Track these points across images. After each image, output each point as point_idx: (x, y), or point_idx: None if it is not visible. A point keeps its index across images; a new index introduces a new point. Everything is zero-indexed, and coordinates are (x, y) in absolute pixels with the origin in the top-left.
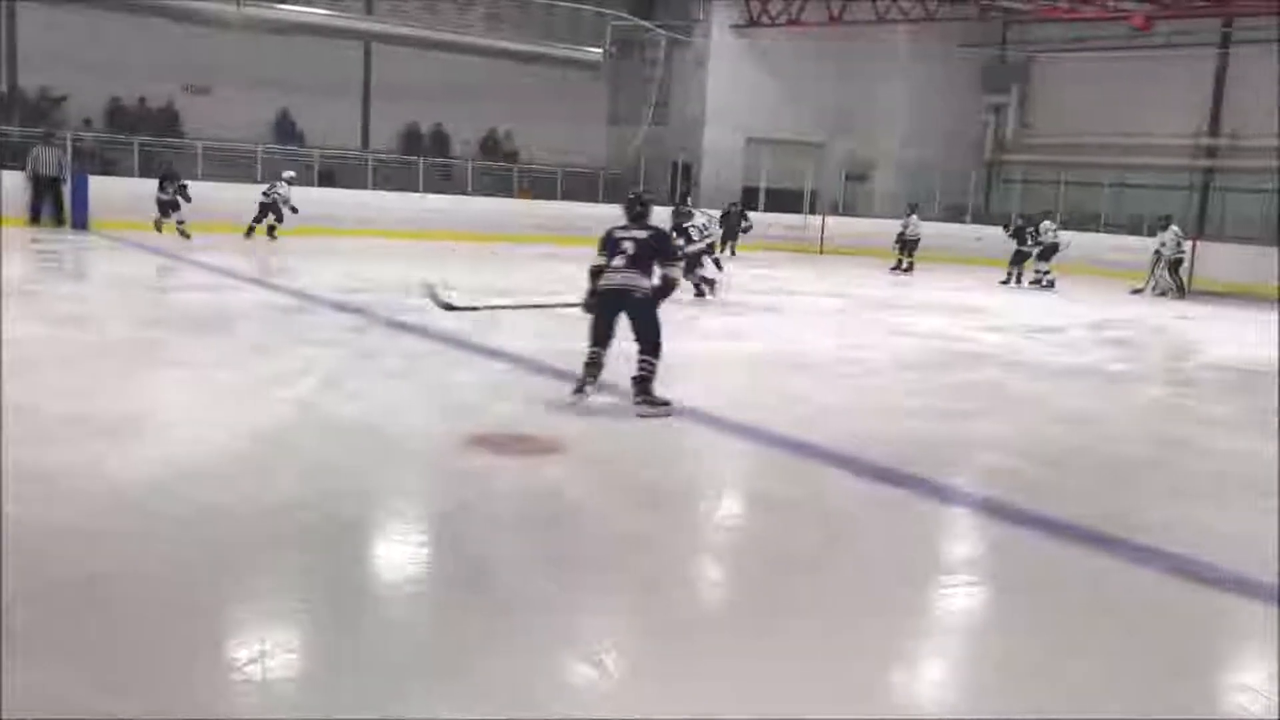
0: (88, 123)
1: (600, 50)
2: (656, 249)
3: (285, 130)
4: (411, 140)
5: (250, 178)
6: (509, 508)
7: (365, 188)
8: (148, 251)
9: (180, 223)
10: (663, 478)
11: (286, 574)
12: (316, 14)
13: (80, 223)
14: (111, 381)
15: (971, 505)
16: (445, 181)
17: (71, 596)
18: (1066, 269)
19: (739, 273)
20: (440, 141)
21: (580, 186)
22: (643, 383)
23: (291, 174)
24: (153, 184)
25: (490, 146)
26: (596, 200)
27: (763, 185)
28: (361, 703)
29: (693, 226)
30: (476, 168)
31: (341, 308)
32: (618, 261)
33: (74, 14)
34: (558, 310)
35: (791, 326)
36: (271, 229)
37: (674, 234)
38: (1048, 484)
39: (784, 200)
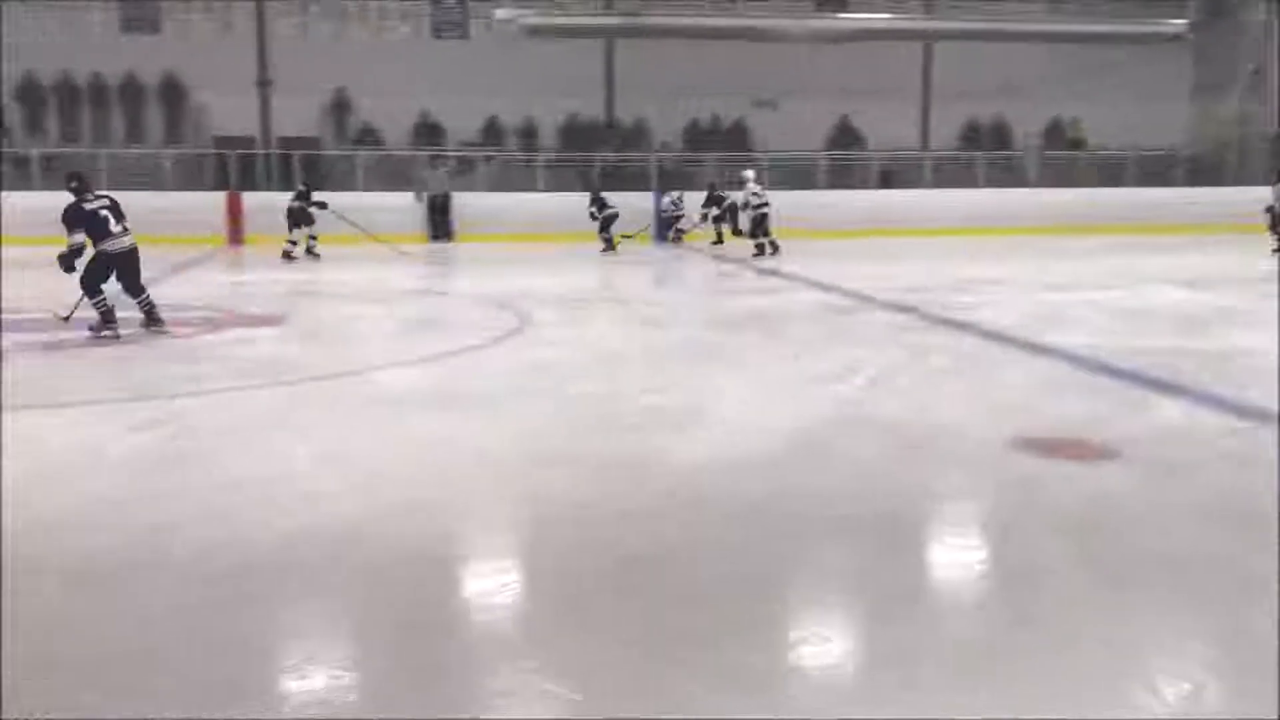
0: (665, 145)
1: (1184, 20)
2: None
3: (847, 135)
4: (970, 135)
5: (810, 184)
6: (1059, 513)
7: (922, 187)
8: (714, 260)
9: (311, 238)
10: (1236, 489)
11: (827, 565)
12: (880, 18)
13: (661, 236)
14: (679, 377)
15: None
16: (1006, 175)
17: (630, 574)
18: None
19: None
20: (1001, 134)
21: (1156, 170)
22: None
23: (749, 173)
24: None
25: (1055, 134)
26: (1175, 184)
27: None
28: (901, 700)
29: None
30: (1040, 158)
31: (894, 307)
32: (119, 229)
33: (659, 45)
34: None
35: None
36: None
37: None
38: None
39: None
